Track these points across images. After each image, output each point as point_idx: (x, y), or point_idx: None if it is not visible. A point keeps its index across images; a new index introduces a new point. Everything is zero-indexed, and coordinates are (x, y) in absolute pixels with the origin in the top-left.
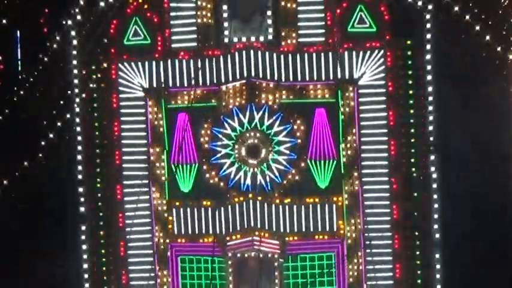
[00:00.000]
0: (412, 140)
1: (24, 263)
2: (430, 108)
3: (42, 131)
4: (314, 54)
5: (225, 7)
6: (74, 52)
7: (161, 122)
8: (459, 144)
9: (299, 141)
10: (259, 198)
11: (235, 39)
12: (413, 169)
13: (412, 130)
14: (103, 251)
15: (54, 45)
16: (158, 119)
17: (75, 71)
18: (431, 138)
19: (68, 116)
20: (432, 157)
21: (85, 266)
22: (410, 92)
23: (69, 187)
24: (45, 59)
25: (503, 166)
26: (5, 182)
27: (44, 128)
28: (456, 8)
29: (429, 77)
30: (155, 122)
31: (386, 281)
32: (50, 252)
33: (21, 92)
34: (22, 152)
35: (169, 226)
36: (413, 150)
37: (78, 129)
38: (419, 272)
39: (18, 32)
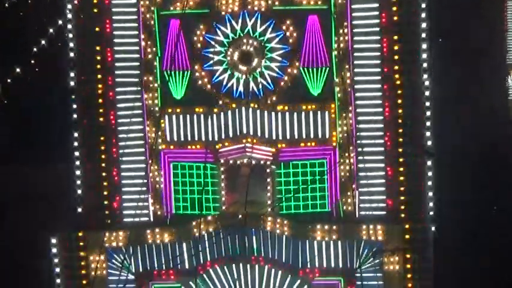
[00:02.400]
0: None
1: (17, 170)
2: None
3: (33, 37)
4: None
5: None
6: None
7: (153, 28)
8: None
9: (291, 48)
10: (252, 105)
11: None
12: (406, 75)
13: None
14: (95, 158)
15: None
16: (150, 25)
17: None
18: (424, 47)
19: (60, 22)
20: (425, 64)
21: (77, 172)
22: None
23: (61, 95)
24: None
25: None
26: None
27: (36, 34)
28: None
29: None
30: (147, 28)
31: (378, 188)
32: (42, 159)
33: None
34: (13, 58)
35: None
36: (405, 57)
37: (70, 35)
38: (410, 178)
39: None
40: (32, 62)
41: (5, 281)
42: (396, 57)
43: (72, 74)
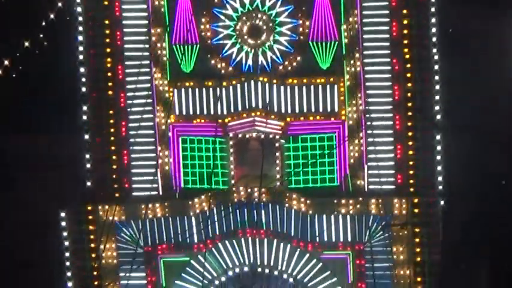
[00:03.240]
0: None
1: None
2: None
3: (42, 11)
4: None
5: None
6: None
7: (162, 2)
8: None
9: (301, 22)
10: (261, 79)
11: None
12: (415, 50)
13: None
14: (104, 132)
15: None
16: None
17: None
18: (433, 20)
19: None
20: (434, 39)
21: (86, 146)
22: None
23: (71, 69)
24: None
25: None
26: (5, 62)
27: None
28: None
29: None
30: (156, 2)
31: (387, 162)
32: (51, 132)
33: None
34: (22, 32)
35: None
36: (415, 32)
37: (79, 9)
38: (419, 153)
39: None
40: (41, 35)
41: (15, 254)
42: (405, 31)
43: (81, 48)
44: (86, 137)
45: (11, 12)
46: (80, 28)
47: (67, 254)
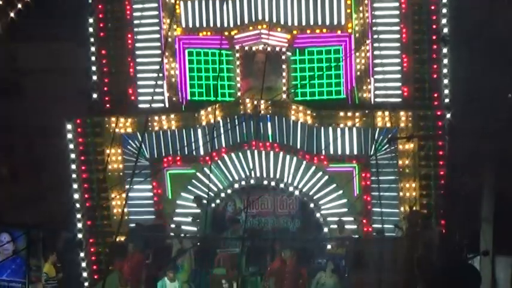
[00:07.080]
0: None
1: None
2: None
3: None
4: None
5: None
6: None
7: None
8: None
9: None
10: None
11: None
12: None
13: None
14: (111, 44)
15: None
16: None
17: None
18: None
19: None
20: None
21: (93, 58)
22: None
23: None
24: None
25: None
26: None
27: None
28: None
29: None
30: None
31: (393, 75)
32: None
33: None
34: None
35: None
36: None
37: None
38: (426, 66)
39: None
40: None
41: (21, 161)
42: None
43: None
44: (93, 49)
45: None
46: None
47: (73, 166)
